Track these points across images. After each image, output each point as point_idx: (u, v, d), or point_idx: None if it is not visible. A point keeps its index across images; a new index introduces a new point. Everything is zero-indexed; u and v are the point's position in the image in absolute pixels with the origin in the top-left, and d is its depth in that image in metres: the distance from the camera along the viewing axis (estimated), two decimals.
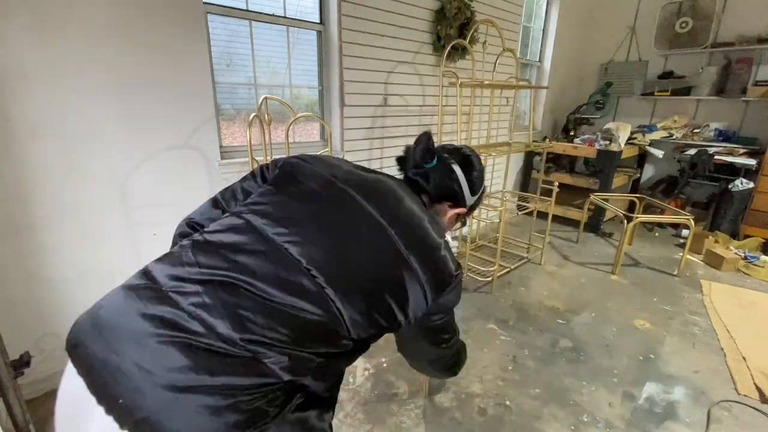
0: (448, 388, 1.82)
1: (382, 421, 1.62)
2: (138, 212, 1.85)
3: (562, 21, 4.40)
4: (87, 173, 1.68)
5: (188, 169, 1.97)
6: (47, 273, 1.67)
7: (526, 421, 1.64)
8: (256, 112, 1.81)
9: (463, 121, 3.34)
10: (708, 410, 1.72)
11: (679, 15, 4.12)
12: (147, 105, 1.77)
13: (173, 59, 1.80)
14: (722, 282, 2.96)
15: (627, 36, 4.67)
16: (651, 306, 2.60)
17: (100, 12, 1.58)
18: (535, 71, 4.55)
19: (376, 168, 2.82)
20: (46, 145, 1.56)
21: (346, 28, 2.41)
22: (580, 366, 2.00)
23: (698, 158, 3.75)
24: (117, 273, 1.83)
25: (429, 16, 2.87)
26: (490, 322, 2.37)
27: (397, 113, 2.90)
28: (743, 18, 3.86)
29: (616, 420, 1.66)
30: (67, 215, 1.67)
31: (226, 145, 2.17)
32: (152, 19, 1.71)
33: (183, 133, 1.91)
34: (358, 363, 1.97)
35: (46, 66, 1.50)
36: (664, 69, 4.42)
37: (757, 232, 3.55)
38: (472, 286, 2.81)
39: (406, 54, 2.82)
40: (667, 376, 1.94)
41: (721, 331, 2.31)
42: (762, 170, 3.49)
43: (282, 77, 2.37)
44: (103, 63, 1.62)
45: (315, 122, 2.61)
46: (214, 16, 1.99)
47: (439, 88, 2.63)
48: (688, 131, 4.23)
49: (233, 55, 2.12)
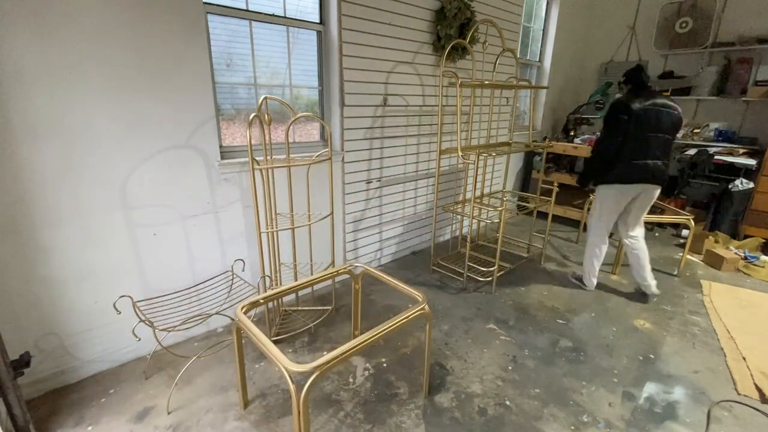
0: (448, 388, 1.82)
1: (382, 421, 1.62)
2: (138, 212, 1.85)
3: (562, 21, 4.40)
4: (87, 173, 1.68)
5: (188, 169, 1.97)
6: (47, 273, 1.67)
7: (526, 421, 1.64)
8: (256, 112, 1.81)
9: (463, 121, 3.34)
10: (708, 410, 1.72)
11: (679, 15, 4.12)
12: (147, 105, 1.77)
13: (173, 59, 1.80)
14: (722, 282, 2.96)
15: (627, 36, 4.67)
16: (651, 306, 2.60)
17: (100, 12, 1.58)
18: (535, 71, 4.55)
19: (375, 168, 2.80)
20: (45, 145, 1.56)
21: (346, 28, 2.41)
22: (580, 366, 2.00)
23: (698, 158, 3.75)
24: (117, 273, 1.85)
25: (429, 16, 2.88)
26: (490, 322, 2.37)
27: (397, 113, 2.90)
28: (743, 18, 3.86)
29: (616, 420, 1.66)
30: (66, 215, 1.67)
31: (226, 145, 2.17)
32: (152, 19, 1.71)
33: (183, 133, 1.92)
34: (358, 363, 1.97)
35: (46, 66, 1.51)
36: (664, 69, 4.42)
37: (757, 232, 3.55)
38: (472, 286, 2.81)
39: (406, 54, 2.82)
40: (667, 376, 1.94)
41: (721, 331, 2.31)
42: (762, 170, 3.49)
43: (282, 77, 2.37)
44: (103, 63, 1.62)
45: (315, 122, 2.61)
46: (214, 16, 1.99)
47: (439, 88, 2.63)
48: (688, 131, 4.23)
49: (233, 55, 2.12)
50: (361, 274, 1.98)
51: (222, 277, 2.16)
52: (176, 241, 2.00)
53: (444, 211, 3.24)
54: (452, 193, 3.64)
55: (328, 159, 2.13)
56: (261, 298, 1.61)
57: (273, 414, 1.65)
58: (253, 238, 2.30)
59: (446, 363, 1.99)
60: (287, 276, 2.42)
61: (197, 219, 2.05)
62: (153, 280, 1.97)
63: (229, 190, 2.14)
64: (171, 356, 1.95)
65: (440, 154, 2.74)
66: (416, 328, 2.27)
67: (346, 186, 2.73)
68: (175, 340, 2.10)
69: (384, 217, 3.08)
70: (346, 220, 2.81)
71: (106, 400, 1.71)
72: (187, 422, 1.60)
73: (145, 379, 1.84)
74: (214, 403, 1.70)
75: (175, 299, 1.92)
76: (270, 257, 2.10)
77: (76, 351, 1.80)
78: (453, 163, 3.52)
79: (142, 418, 1.62)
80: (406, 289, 1.70)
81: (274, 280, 2.14)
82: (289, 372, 1.20)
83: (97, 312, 1.81)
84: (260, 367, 1.94)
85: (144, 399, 1.72)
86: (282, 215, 2.29)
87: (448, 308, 2.52)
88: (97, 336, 1.85)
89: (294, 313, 2.40)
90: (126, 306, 1.67)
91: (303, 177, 2.34)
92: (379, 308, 2.51)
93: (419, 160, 3.21)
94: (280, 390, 1.79)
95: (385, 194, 3.02)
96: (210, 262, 2.16)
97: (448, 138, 3.37)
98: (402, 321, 1.47)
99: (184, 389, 1.78)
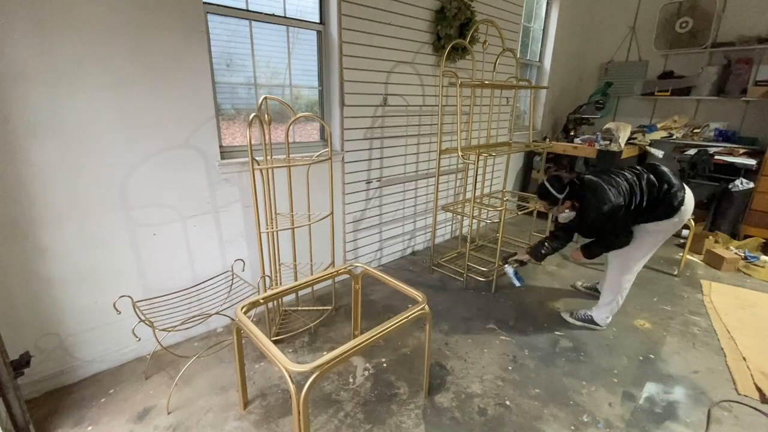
0: (448, 388, 1.82)
1: (382, 421, 1.62)
2: (138, 212, 1.85)
3: (562, 21, 4.40)
4: (87, 173, 1.68)
5: (188, 169, 1.97)
6: (47, 273, 1.67)
7: (526, 421, 1.64)
8: (256, 112, 1.81)
9: (463, 121, 3.34)
10: (708, 410, 1.72)
11: (679, 15, 4.12)
12: (147, 105, 1.77)
13: (173, 59, 1.80)
14: (722, 282, 2.96)
15: (627, 36, 4.67)
16: (651, 306, 2.60)
17: (100, 12, 1.58)
18: (535, 71, 4.55)
19: (375, 168, 2.80)
20: (45, 145, 1.56)
21: (346, 28, 2.41)
22: (580, 366, 2.00)
23: (698, 158, 3.75)
24: (117, 273, 1.84)
25: (429, 16, 2.87)
26: (490, 322, 2.37)
27: (397, 113, 2.90)
28: (743, 18, 3.86)
29: (616, 420, 1.66)
30: (66, 215, 1.67)
31: (226, 145, 2.17)
32: (152, 19, 1.71)
33: (183, 133, 1.91)
34: (358, 363, 1.97)
35: (46, 66, 1.50)
36: (664, 69, 4.42)
37: (757, 232, 3.55)
38: (472, 286, 2.81)
39: (406, 54, 2.82)
40: (667, 376, 1.94)
41: (721, 331, 2.31)
42: (762, 170, 3.49)
43: (282, 77, 2.37)
44: (103, 63, 1.62)
45: (315, 122, 2.61)
46: (214, 16, 1.99)
47: (439, 88, 2.63)
48: (688, 131, 4.23)
49: (233, 55, 2.12)
50: (361, 274, 1.98)
51: (222, 277, 2.16)
52: (176, 241, 2.00)
53: (444, 211, 3.24)
54: (452, 193, 3.64)
55: (328, 159, 2.13)
56: (261, 298, 1.61)
57: (273, 414, 1.65)
58: (253, 238, 2.30)
59: (446, 363, 1.99)
60: (287, 276, 2.42)
61: (197, 219, 2.05)
62: (153, 280, 1.97)
63: (229, 190, 2.14)
64: (171, 356, 1.95)
65: (440, 154, 2.74)
66: (416, 328, 2.27)
67: (346, 186, 2.73)
68: (175, 340, 2.10)
69: (384, 217, 3.08)
70: (346, 220, 2.81)
71: (106, 400, 1.71)
72: (187, 422, 1.60)
73: (145, 379, 1.84)
74: (214, 403, 1.70)
75: (175, 299, 1.92)
76: (270, 257, 2.09)
77: (76, 351, 1.80)
78: (453, 163, 3.53)
79: (142, 418, 1.62)
80: (406, 289, 1.70)
81: (274, 280, 2.14)
82: (289, 372, 1.20)
83: (97, 312, 1.81)
84: (260, 367, 1.94)
85: (144, 399, 1.72)
86: (282, 215, 2.29)
87: (448, 308, 2.51)
88: (97, 336, 1.85)
89: (294, 313, 2.40)
90: (126, 306, 1.67)
91: (303, 177, 2.34)
92: (379, 308, 2.51)
93: (419, 160, 3.21)
94: (280, 390, 1.79)
95: (385, 194, 3.02)
96: (210, 262, 2.16)
97: (448, 138, 3.37)
98: (402, 321, 1.47)
99: (184, 389, 1.78)
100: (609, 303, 2.29)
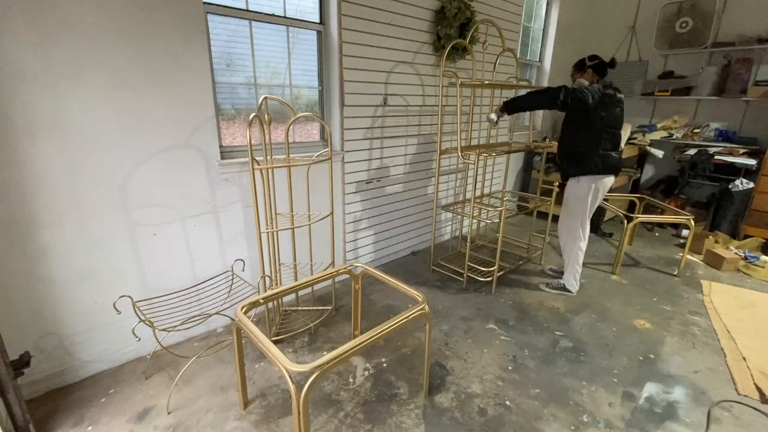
0: (448, 389, 1.82)
1: (382, 421, 1.62)
2: (138, 212, 1.85)
3: (562, 21, 4.40)
4: (87, 173, 1.68)
5: (188, 169, 1.97)
6: (47, 273, 1.67)
7: (526, 422, 1.64)
8: (256, 112, 1.81)
9: (463, 121, 3.34)
10: (708, 410, 1.72)
11: (679, 15, 4.12)
12: (147, 105, 1.77)
13: (173, 59, 1.80)
14: (722, 282, 2.96)
15: (627, 36, 4.67)
16: (651, 306, 2.60)
17: (100, 12, 1.58)
18: (535, 71, 4.55)
19: (375, 168, 2.81)
20: (46, 145, 1.56)
21: (346, 28, 2.41)
22: (580, 366, 2.00)
23: (698, 158, 3.75)
24: (117, 273, 1.84)
25: (429, 16, 2.87)
26: (490, 322, 2.37)
27: (397, 113, 2.90)
28: (743, 18, 3.86)
29: (616, 420, 1.66)
30: (67, 215, 1.67)
31: (226, 145, 2.17)
32: (152, 19, 1.71)
33: (183, 133, 1.91)
34: (358, 363, 1.97)
35: (46, 66, 1.50)
36: (664, 69, 4.42)
37: (757, 232, 3.55)
38: (472, 286, 2.81)
39: (406, 54, 2.82)
40: (667, 376, 1.94)
41: (721, 331, 2.31)
42: (762, 170, 3.49)
43: (282, 77, 2.37)
44: (103, 63, 1.62)
45: (315, 122, 2.61)
46: (214, 16, 1.99)
47: (439, 88, 2.63)
48: (688, 131, 4.23)
49: (233, 55, 2.12)
50: (361, 274, 1.98)
51: (222, 277, 2.16)
52: (176, 241, 2.00)
53: (444, 211, 3.24)
54: (452, 193, 3.64)
55: (328, 159, 2.13)
56: (261, 298, 1.61)
57: (273, 414, 1.65)
58: (253, 238, 2.30)
59: (446, 363, 1.99)
60: (287, 276, 2.42)
61: (197, 219, 2.05)
62: (153, 280, 1.97)
63: (229, 190, 2.14)
64: (171, 356, 1.95)
65: (440, 154, 2.74)
66: (416, 328, 2.27)
67: (346, 186, 2.73)
68: (175, 340, 2.10)
69: (384, 217, 3.08)
70: (346, 220, 2.81)
71: (106, 400, 1.71)
72: (187, 422, 1.60)
73: (145, 379, 1.84)
74: (214, 403, 1.70)
75: (175, 299, 1.92)
76: (270, 257, 2.09)
77: (76, 351, 1.80)
78: (453, 163, 3.53)
79: (142, 418, 1.62)
80: (406, 289, 1.70)
81: (274, 280, 2.14)
82: (289, 372, 1.20)
83: (97, 312, 1.81)
84: (260, 367, 1.94)
85: (144, 399, 1.72)
86: (282, 215, 2.29)
87: (448, 308, 2.51)
88: (97, 336, 1.85)
89: (294, 313, 2.40)
90: (126, 306, 1.67)
91: (303, 177, 2.34)
92: (379, 308, 2.51)
93: (419, 160, 3.21)
94: (280, 390, 1.79)
95: (385, 194, 3.02)
96: (210, 262, 2.16)
97: (448, 138, 3.37)
98: (402, 321, 1.47)
99: (184, 389, 1.78)
100: (570, 271, 2.70)
